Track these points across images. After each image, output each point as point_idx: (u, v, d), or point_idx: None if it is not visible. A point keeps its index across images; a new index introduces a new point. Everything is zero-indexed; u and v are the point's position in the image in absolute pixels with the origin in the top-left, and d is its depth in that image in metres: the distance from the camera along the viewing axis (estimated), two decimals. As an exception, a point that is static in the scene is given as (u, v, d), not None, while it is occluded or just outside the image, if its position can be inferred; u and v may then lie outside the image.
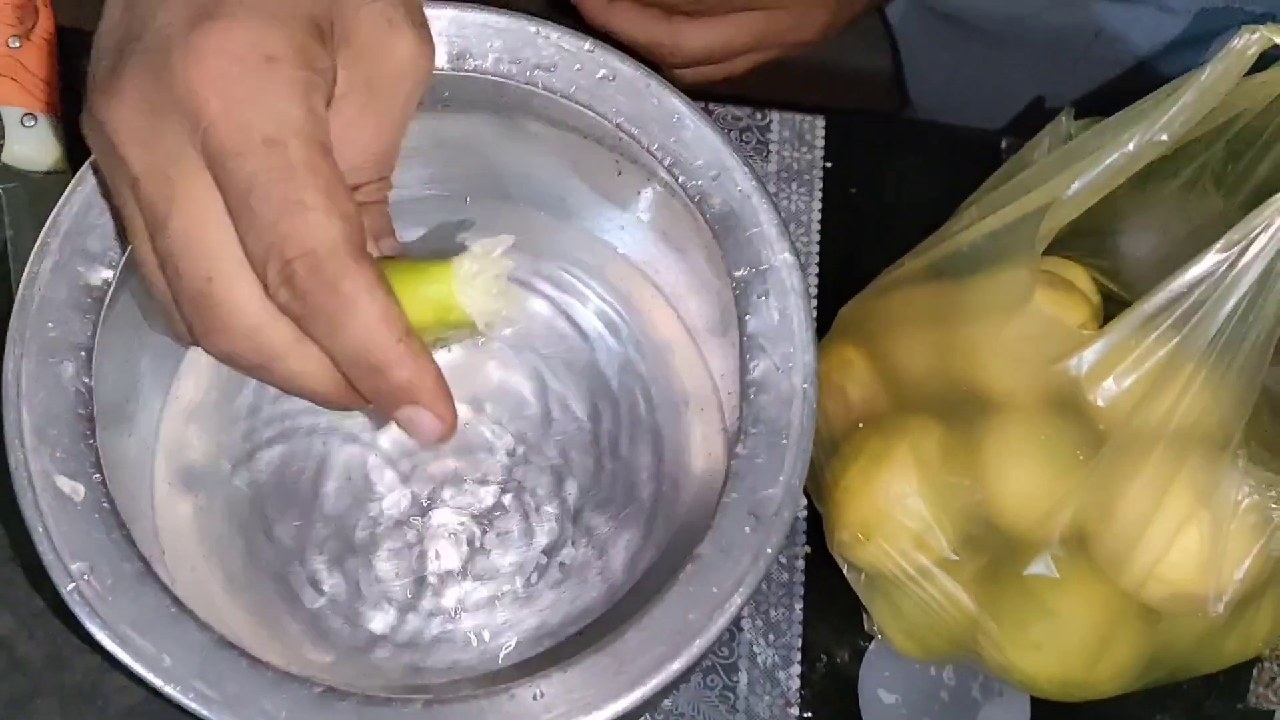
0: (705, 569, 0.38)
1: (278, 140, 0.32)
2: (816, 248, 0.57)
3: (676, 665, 0.37)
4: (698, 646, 0.37)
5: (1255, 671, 0.52)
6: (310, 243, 0.31)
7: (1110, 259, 0.49)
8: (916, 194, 0.58)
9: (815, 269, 0.57)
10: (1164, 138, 0.39)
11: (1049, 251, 0.49)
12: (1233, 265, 0.36)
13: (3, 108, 0.52)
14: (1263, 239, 0.36)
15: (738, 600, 0.38)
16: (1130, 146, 0.39)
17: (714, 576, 0.38)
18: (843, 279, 0.53)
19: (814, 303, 0.56)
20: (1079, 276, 0.48)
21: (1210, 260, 0.37)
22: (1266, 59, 0.39)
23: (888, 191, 0.59)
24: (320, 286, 0.32)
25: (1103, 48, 0.69)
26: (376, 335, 0.32)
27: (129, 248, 0.40)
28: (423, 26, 0.36)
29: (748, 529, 0.38)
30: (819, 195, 0.58)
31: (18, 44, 0.52)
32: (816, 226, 0.57)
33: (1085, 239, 0.49)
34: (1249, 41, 0.37)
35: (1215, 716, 0.52)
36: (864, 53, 0.79)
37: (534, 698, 0.36)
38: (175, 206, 0.32)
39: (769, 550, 0.38)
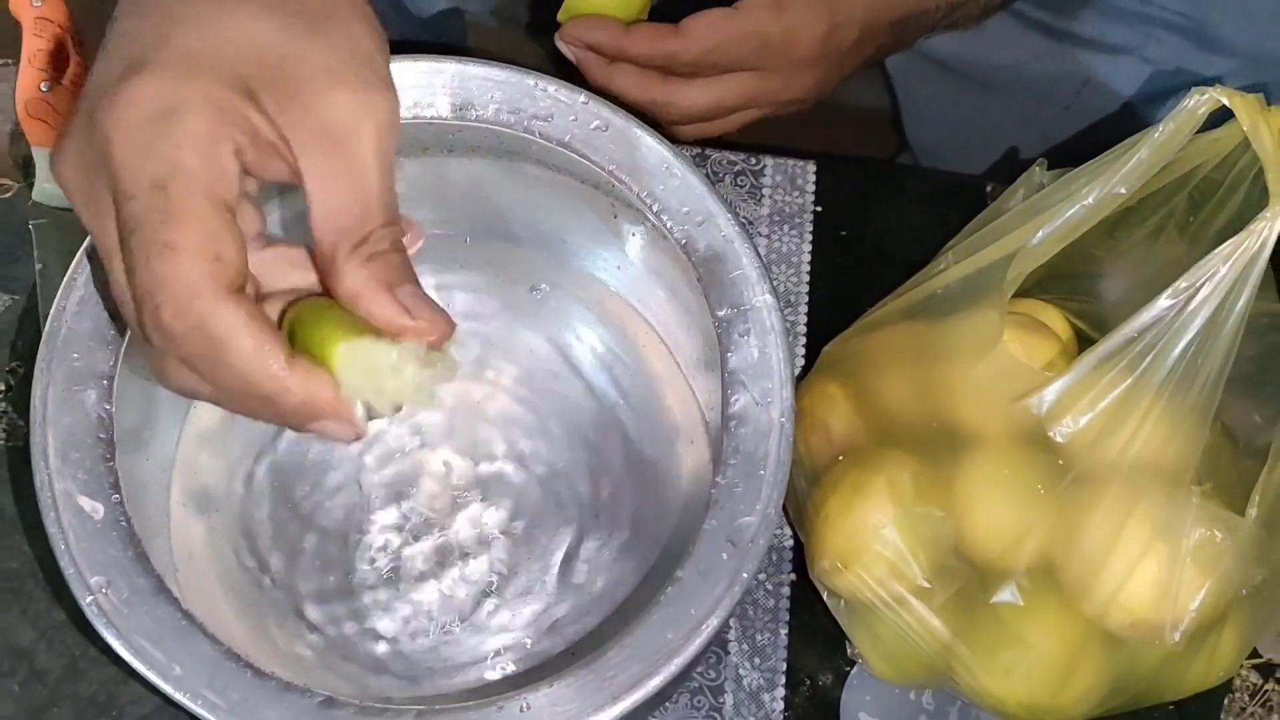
0: (684, 592, 0.40)
1: (161, 186, 0.33)
2: (806, 287, 0.59)
3: (655, 681, 0.39)
4: (675, 665, 0.39)
5: (1225, 701, 0.54)
6: (176, 286, 0.32)
7: (1085, 302, 0.51)
8: (903, 237, 0.61)
9: (805, 307, 0.59)
10: (1122, 190, 0.41)
11: (1028, 294, 0.52)
12: (1181, 310, 0.39)
13: (35, 148, 0.55)
14: (1208, 286, 0.38)
15: (714, 622, 0.40)
16: (1090, 199, 0.41)
17: (692, 599, 0.40)
18: (831, 318, 0.55)
19: (803, 340, 0.58)
20: (1054, 318, 0.51)
21: (1161, 305, 0.39)
22: (1221, 117, 0.42)
23: (875, 234, 0.61)
24: (188, 330, 0.33)
25: (1090, 95, 0.72)
26: (256, 370, 0.33)
27: None
28: (376, 77, 0.36)
29: (725, 555, 0.40)
30: (809, 237, 0.60)
31: (49, 88, 0.55)
32: (806, 267, 0.60)
33: (1061, 282, 0.52)
34: (1199, 102, 0.39)
35: (1187, 745, 0.53)
36: (863, 97, 0.82)
37: (520, 710, 0.38)
38: (107, 258, 0.34)
39: (745, 575, 0.40)
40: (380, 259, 0.35)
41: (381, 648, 0.49)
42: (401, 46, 0.41)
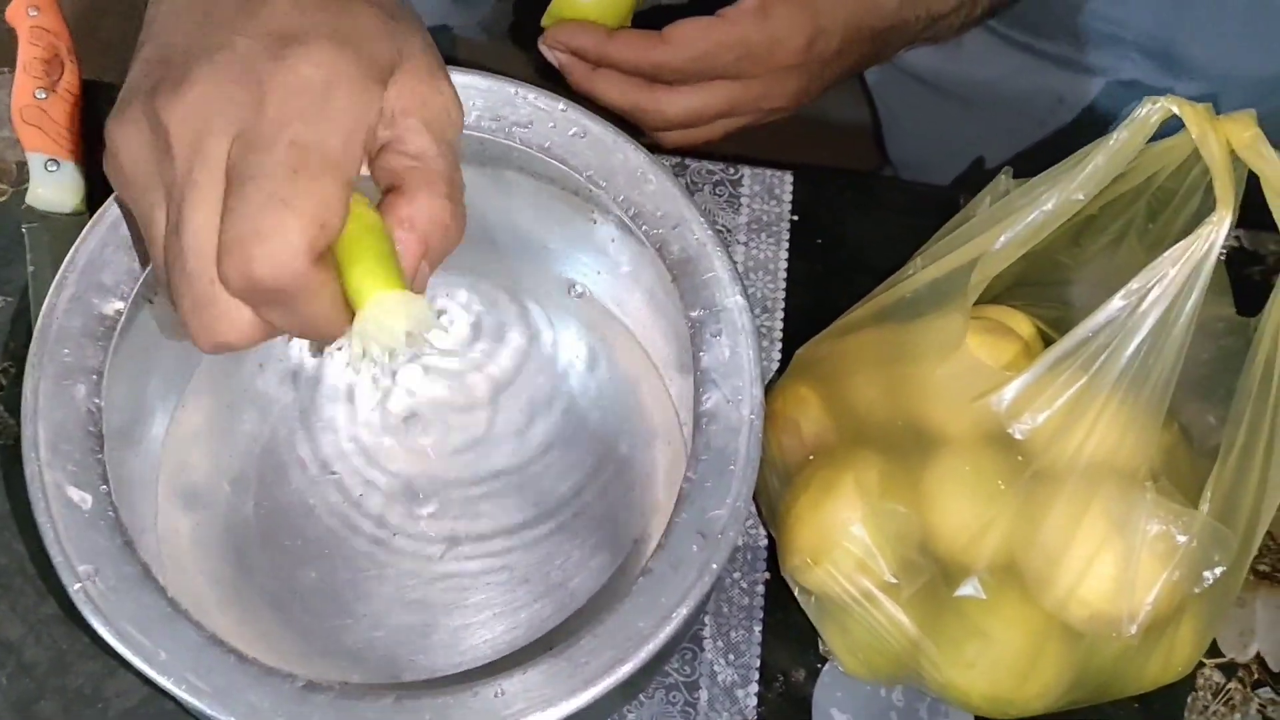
0: (655, 582, 0.41)
1: (302, 148, 0.35)
2: (783, 294, 0.61)
3: (626, 668, 0.40)
4: (646, 652, 0.40)
5: (1189, 699, 0.55)
6: (279, 242, 0.34)
7: (1052, 308, 0.53)
8: (878, 246, 0.62)
9: (781, 313, 0.60)
10: (1080, 196, 0.43)
11: (998, 300, 0.53)
12: (1134, 311, 0.40)
13: (29, 153, 0.56)
14: (1158, 289, 0.40)
15: (684, 611, 0.41)
16: (1049, 205, 0.43)
17: (663, 589, 0.41)
18: (806, 323, 0.57)
19: (779, 344, 0.60)
20: (1021, 324, 0.52)
21: (1114, 306, 0.41)
22: (1177, 125, 0.43)
23: (851, 243, 0.62)
24: (276, 283, 0.35)
25: (1065, 113, 0.74)
26: (320, 323, 0.36)
27: (140, 278, 0.44)
28: (448, 78, 0.39)
29: (695, 547, 0.42)
30: (786, 245, 0.62)
31: (44, 95, 0.57)
32: (783, 274, 0.61)
33: (1030, 289, 0.53)
34: (1151, 110, 0.41)
35: (1151, 743, 0.55)
36: (844, 112, 0.83)
37: (495, 695, 0.40)
38: (191, 208, 0.35)
39: (714, 566, 0.41)
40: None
41: (360, 642, 0.50)
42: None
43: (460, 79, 0.47)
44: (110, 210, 0.45)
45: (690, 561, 0.42)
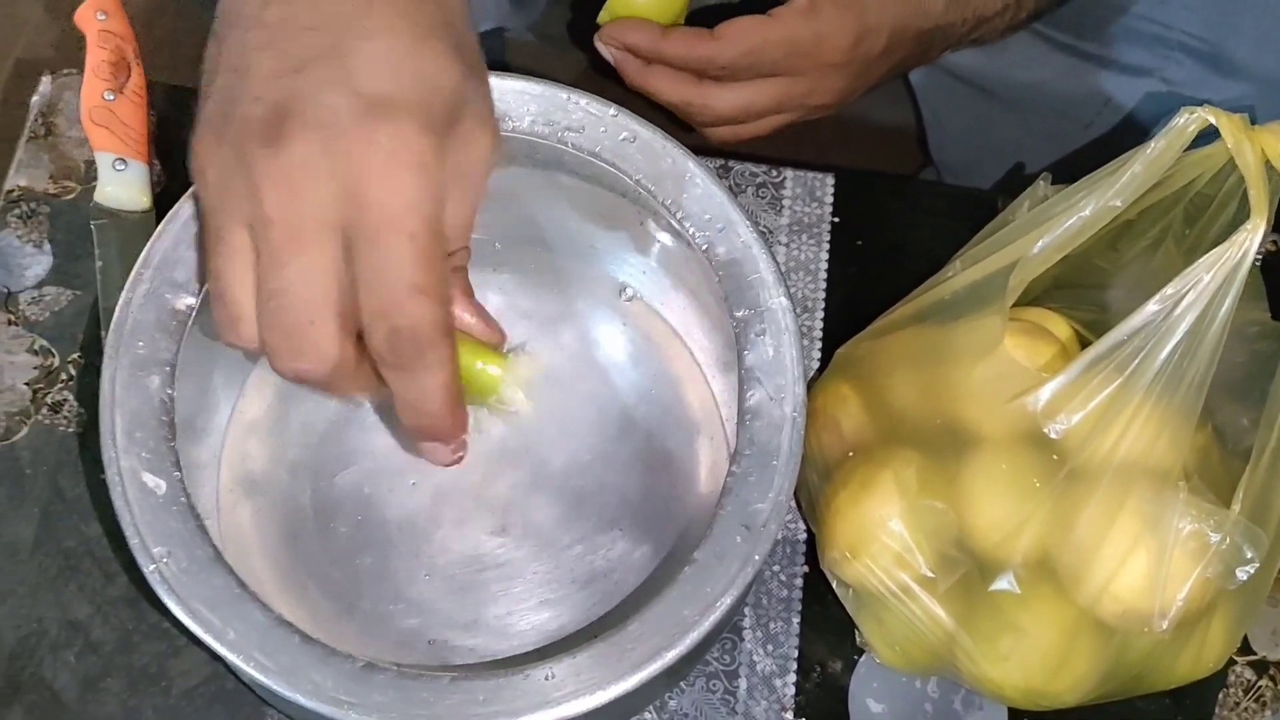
0: (700, 572, 0.43)
1: (416, 234, 0.38)
2: (823, 294, 0.62)
3: (672, 654, 0.42)
4: (690, 639, 0.42)
5: (1220, 696, 0.56)
6: (418, 319, 0.38)
7: (1090, 311, 0.54)
8: (917, 247, 0.63)
9: (821, 313, 0.62)
10: (1117, 203, 0.44)
11: (1037, 303, 0.54)
12: (1168, 315, 0.41)
13: (98, 153, 0.58)
14: (1193, 294, 0.41)
15: (728, 601, 0.42)
16: (1087, 211, 0.44)
17: (708, 579, 0.43)
18: (846, 323, 0.58)
19: (818, 344, 0.61)
20: (1059, 326, 0.53)
21: (1149, 310, 0.42)
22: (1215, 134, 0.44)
23: (890, 245, 0.63)
24: (414, 351, 0.39)
25: (1111, 115, 0.74)
26: (437, 397, 0.40)
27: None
28: (496, 123, 0.42)
29: (739, 539, 0.43)
30: (827, 246, 0.63)
31: (112, 97, 0.59)
32: (824, 275, 0.63)
33: (1068, 293, 0.54)
34: (1189, 120, 0.42)
35: (1182, 738, 0.56)
36: (888, 113, 0.84)
37: (546, 678, 0.41)
38: (301, 256, 0.38)
39: (757, 557, 0.43)
40: (461, 273, 0.42)
41: (411, 627, 0.52)
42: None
43: (514, 85, 0.48)
44: (183, 209, 0.47)
45: (734, 553, 0.43)
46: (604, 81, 0.60)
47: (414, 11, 0.39)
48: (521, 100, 0.48)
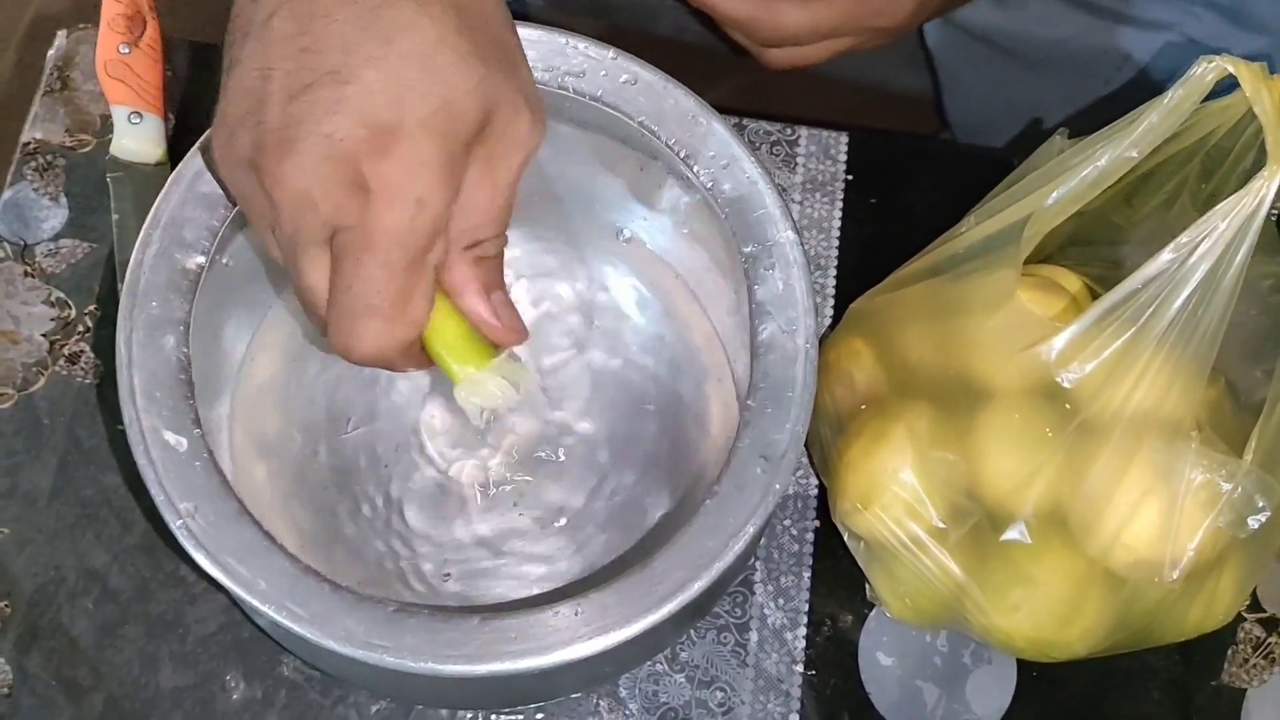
0: (722, 503, 0.43)
1: (389, 263, 0.39)
2: (836, 251, 0.62)
3: (698, 585, 0.42)
4: (716, 569, 0.42)
5: (1229, 652, 0.56)
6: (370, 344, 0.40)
7: (1103, 267, 0.54)
8: (930, 206, 0.63)
9: (834, 270, 0.62)
10: (1133, 154, 0.44)
11: (1051, 260, 0.54)
12: (1182, 265, 0.41)
13: (113, 106, 0.58)
14: (1207, 242, 0.41)
15: (750, 530, 0.43)
16: (1102, 162, 0.44)
17: (729, 509, 0.43)
18: (859, 281, 0.58)
19: (831, 300, 0.61)
20: (1071, 282, 0.53)
21: (1163, 259, 0.42)
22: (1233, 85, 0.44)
23: (904, 203, 0.63)
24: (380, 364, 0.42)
25: (1130, 71, 0.74)
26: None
27: (218, 234, 0.47)
28: (539, 106, 0.41)
29: (759, 469, 0.44)
30: (840, 204, 0.63)
31: (127, 50, 0.59)
32: (836, 233, 0.63)
33: (1083, 249, 0.54)
34: (1206, 69, 0.42)
35: (1191, 693, 0.56)
36: (904, 79, 0.84)
37: (575, 614, 0.42)
38: (302, 262, 0.40)
39: (777, 486, 0.43)
40: (486, 263, 0.42)
41: (435, 577, 0.52)
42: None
43: None
44: (189, 167, 0.47)
45: (755, 483, 0.43)
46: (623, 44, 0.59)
47: (421, 23, 0.38)
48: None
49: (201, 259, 0.46)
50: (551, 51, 0.48)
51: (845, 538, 0.53)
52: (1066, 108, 0.76)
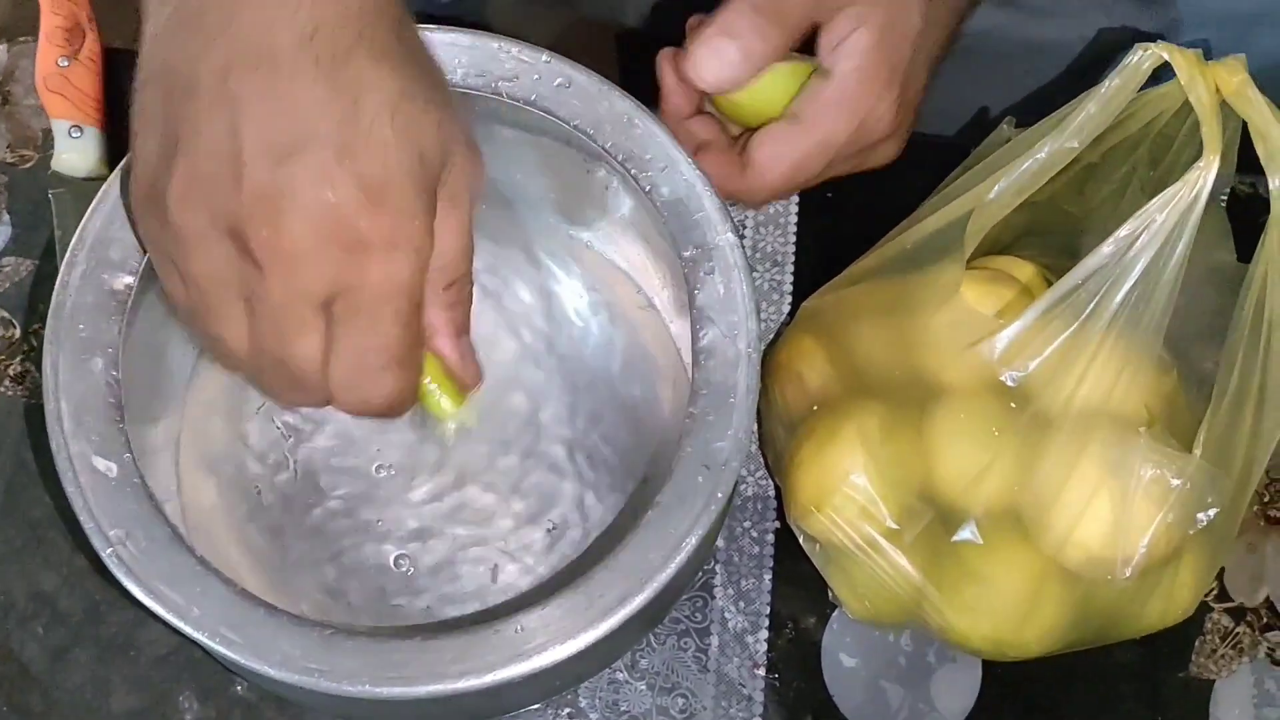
0: (664, 515, 0.43)
1: (399, 314, 0.39)
2: (793, 248, 0.61)
3: (640, 599, 0.41)
4: (658, 582, 0.41)
5: (1197, 643, 0.56)
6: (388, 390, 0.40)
7: (1057, 258, 0.53)
8: (888, 199, 0.62)
9: (791, 267, 0.61)
10: (1074, 144, 0.43)
11: (1007, 251, 0.53)
12: (1122, 257, 0.41)
13: (53, 120, 0.58)
14: (1147, 234, 0.40)
15: (692, 541, 0.42)
16: (1043, 153, 0.43)
17: (672, 520, 0.42)
18: (816, 277, 0.57)
19: (789, 298, 0.60)
20: (1026, 273, 0.52)
21: (1104, 252, 0.41)
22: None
23: (861, 196, 0.62)
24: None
25: (1057, 61, 0.72)
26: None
27: (147, 255, 0.45)
28: (475, 138, 0.41)
29: (700, 478, 0.43)
30: (796, 199, 0.62)
31: (66, 63, 0.58)
32: (793, 228, 0.62)
33: (1038, 240, 0.53)
34: (1143, 57, 0.41)
35: (1159, 685, 0.55)
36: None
37: (515, 631, 0.41)
38: (291, 330, 0.39)
39: (720, 495, 0.43)
40: (459, 307, 0.42)
41: (381, 592, 0.51)
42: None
43: (444, 37, 0.47)
44: (113, 188, 0.46)
45: (696, 492, 0.43)
46: (589, 44, 0.58)
47: (382, 76, 0.38)
48: (452, 53, 0.47)
49: (130, 279, 0.45)
50: (485, 57, 0.48)
51: (801, 540, 0.52)
52: (1005, 99, 0.75)
